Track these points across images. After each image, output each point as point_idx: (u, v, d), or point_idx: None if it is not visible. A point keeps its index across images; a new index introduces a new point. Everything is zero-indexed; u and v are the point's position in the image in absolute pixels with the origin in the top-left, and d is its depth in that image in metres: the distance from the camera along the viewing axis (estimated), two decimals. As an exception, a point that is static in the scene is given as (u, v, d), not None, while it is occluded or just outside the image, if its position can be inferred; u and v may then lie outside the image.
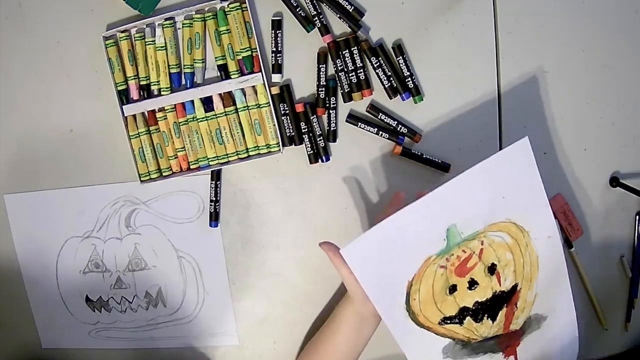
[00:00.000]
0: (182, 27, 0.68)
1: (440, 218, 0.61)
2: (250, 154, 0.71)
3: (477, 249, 0.63)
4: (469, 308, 0.65)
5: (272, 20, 0.68)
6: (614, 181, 0.72)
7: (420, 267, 0.62)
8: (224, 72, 0.69)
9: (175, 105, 0.70)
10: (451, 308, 0.65)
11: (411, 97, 0.69)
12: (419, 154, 0.71)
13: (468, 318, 0.66)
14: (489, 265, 0.64)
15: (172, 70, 0.69)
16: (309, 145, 0.71)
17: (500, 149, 0.71)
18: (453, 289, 0.64)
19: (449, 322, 0.66)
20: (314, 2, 0.67)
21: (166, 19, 0.68)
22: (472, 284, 0.64)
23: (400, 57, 0.68)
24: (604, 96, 0.71)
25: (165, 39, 0.68)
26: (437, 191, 0.59)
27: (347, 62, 0.68)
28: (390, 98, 0.69)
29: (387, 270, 0.62)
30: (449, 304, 0.65)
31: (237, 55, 0.68)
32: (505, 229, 0.64)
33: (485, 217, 0.63)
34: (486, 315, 0.66)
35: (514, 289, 0.65)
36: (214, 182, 0.72)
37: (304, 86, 0.71)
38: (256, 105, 0.69)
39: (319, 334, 0.70)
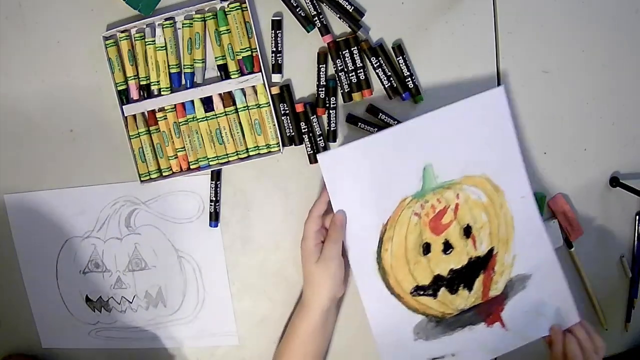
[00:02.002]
0: (182, 27, 0.68)
1: (416, 154, 0.61)
2: (250, 154, 0.71)
3: (452, 202, 0.62)
4: (443, 277, 0.64)
5: (272, 20, 0.68)
6: (614, 181, 0.72)
7: (395, 209, 0.61)
8: (224, 72, 0.69)
9: (175, 105, 0.70)
10: (424, 274, 0.63)
11: (411, 97, 0.69)
12: (419, 154, 0.71)
13: (443, 289, 0.64)
14: (465, 226, 0.63)
15: (172, 70, 0.69)
16: (309, 145, 0.71)
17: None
18: (427, 248, 0.63)
19: (422, 292, 0.64)
20: (314, 2, 0.67)
21: (166, 19, 0.68)
22: (448, 247, 0.63)
23: (400, 57, 0.68)
24: (604, 96, 0.71)
25: (165, 39, 0.68)
26: (410, 122, 0.60)
27: (347, 62, 0.68)
28: (390, 98, 0.69)
29: (362, 200, 0.61)
30: (422, 269, 0.63)
31: (237, 55, 0.68)
32: (480, 185, 0.63)
33: (460, 166, 0.62)
34: (462, 284, 0.64)
35: (490, 253, 0.64)
36: (214, 182, 0.72)
37: (304, 86, 0.71)
38: (256, 105, 0.69)
39: (282, 352, 0.69)
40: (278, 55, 0.69)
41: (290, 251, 0.74)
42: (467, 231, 0.63)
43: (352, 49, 0.68)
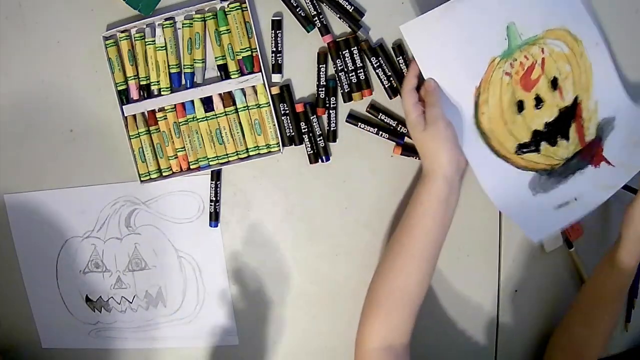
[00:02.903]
0: (182, 27, 0.68)
1: (498, 13, 0.63)
2: (250, 154, 0.71)
3: (538, 57, 0.65)
4: (541, 131, 0.67)
5: (272, 20, 0.68)
6: (614, 181, 0.72)
7: (486, 71, 0.64)
8: (224, 72, 0.69)
9: (175, 105, 0.70)
10: (523, 132, 0.66)
11: (411, 97, 0.69)
12: (419, 154, 0.71)
13: (543, 143, 0.67)
14: (552, 79, 0.66)
15: (172, 70, 0.69)
16: (309, 145, 0.71)
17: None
18: (521, 106, 0.65)
19: (525, 150, 0.67)
20: (314, 2, 0.67)
21: (166, 19, 0.68)
22: (539, 101, 0.66)
23: (400, 57, 0.68)
24: (604, 96, 0.71)
25: (165, 39, 0.68)
26: None
27: (347, 62, 0.68)
28: (390, 98, 0.69)
29: (452, 65, 0.63)
30: (520, 126, 0.66)
31: (237, 55, 0.68)
32: (562, 37, 0.66)
33: (541, 20, 0.64)
34: (559, 135, 0.67)
35: (575, 101, 0.67)
36: (214, 182, 0.72)
37: (304, 86, 0.71)
38: (256, 105, 0.69)
39: (401, 230, 0.64)
40: (278, 55, 0.69)
41: (290, 251, 0.74)
42: (554, 83, 0.66)
43: (352, 49, 0.68)
